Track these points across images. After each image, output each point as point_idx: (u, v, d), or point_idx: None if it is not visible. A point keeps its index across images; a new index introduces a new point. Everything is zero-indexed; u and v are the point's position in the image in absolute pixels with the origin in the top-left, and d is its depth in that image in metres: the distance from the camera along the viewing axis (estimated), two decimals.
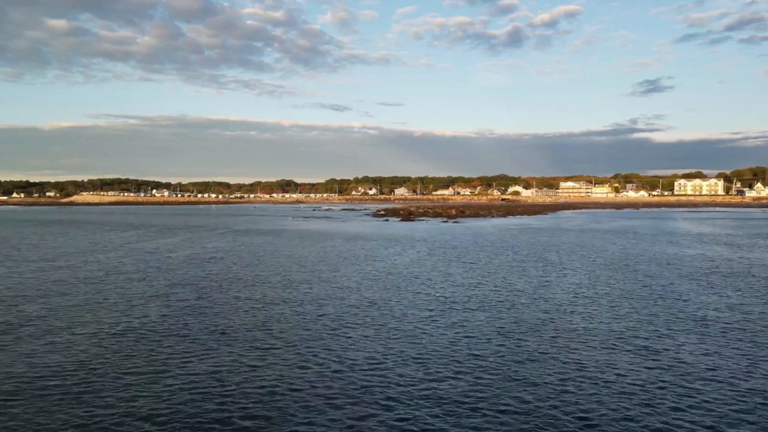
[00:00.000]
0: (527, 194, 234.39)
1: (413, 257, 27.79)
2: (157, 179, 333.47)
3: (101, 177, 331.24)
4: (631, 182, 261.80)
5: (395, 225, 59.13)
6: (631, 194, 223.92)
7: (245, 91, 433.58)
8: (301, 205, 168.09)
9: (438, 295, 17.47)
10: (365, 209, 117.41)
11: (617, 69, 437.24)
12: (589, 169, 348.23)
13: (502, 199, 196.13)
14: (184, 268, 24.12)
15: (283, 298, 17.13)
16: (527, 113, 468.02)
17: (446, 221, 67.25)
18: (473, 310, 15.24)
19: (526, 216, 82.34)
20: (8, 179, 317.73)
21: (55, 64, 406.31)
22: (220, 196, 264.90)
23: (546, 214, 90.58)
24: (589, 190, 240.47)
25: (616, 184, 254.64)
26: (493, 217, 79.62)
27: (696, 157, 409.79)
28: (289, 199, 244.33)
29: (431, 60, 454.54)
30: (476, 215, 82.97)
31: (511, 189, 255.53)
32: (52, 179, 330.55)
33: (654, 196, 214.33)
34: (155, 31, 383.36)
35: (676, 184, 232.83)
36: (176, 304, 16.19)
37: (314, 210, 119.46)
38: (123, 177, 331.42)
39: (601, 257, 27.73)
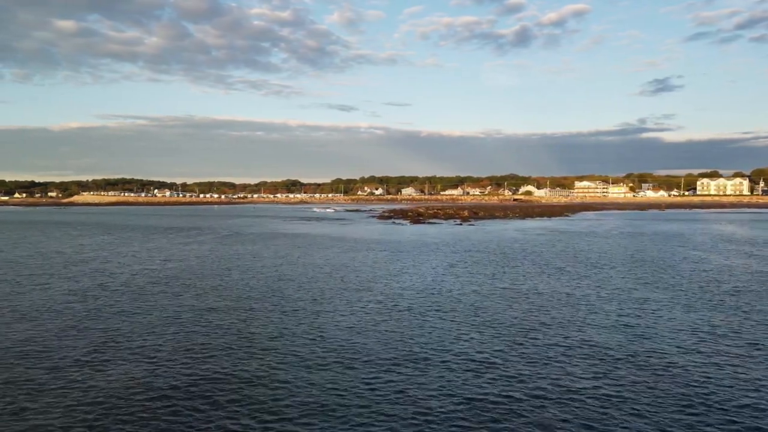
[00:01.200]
0: (540, 194, 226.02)
1: (429, 277, 20.98)
2: (163, 179, 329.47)
3: (106, 177, 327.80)
4: (645, 182, 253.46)
5: (403, 228, 52.30)
6: (650, 194, 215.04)
7: (252, 91, 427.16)
8: (304, 206, 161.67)
9: (476, 357, 10.63)
10: (371, 210, 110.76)
11: (626, 68, 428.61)
12: (598, 169, 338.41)
13: (514, 200, 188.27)
14: (115, 298, 17.42)
15: (221, 370, 10.32)
16: (535, 113, 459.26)
17: (460, 224, 60.35)
18: (549, 402, 8.41)
19: (545, 218, 75.22)
20: (14, 179, 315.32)
21: (64, 64, 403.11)
22: (223, 197, 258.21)
23: (567, 215, 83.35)
24: (605, 190, 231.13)
25: (631, 184, 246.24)
26: (510, 218, 72.59)
27: (706, 156, 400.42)
28: (293, 200, 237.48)
29: (438, 60, 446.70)
30: (491, 216, 76.03)
31: (522, 189, 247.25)
32: (59, 180, 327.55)
33: (674, 196, 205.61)
34: (163, 32, 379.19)
35: (698, 183, 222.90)
36: (39, 387, 9.45)
37: (317, 211, 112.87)
38: (129, 177, 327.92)
39: (684, 278, 20.71)
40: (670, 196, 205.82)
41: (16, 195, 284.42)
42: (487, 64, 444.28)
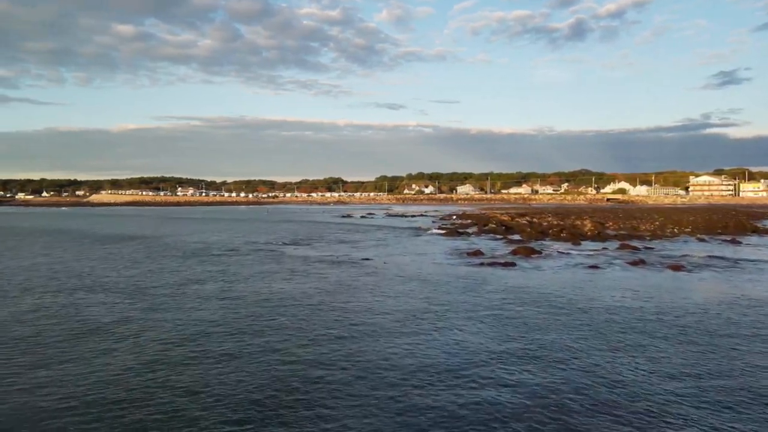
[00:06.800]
0: (638, 193, 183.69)
1: None
2: (209, 179, 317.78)
3: (143, 176, 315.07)
4: (754, 178, 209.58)
5: (539, 283, 19.38)
6: None
7: (302, 91, 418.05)
8: (334, 207, 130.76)
9: None
10: (422, 215, 78.60)
11: (689, 61, 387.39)
12: (657, 166, 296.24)
13: (608, 200, 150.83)
14: None
15: None
16: (590, 109, 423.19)
17: (635, 261, 26.68)
18: None
19: (757, 236, 40.36)
20: (57, 178, 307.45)
21: (123, 68, 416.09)
22: (251, 195, 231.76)
23: None
24: (732, 188, 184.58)
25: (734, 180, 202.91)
26: (685, 239, 38.29)
27: None
28: (329, 199, 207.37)
29: (488, 56, 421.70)
30: (637, 235, 41.97)
31: (609, 187, 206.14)
32: (111, 178, 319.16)
33: None
34: (215, 34, 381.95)
35: None
36: None
37: (345, 217, 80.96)
38: (168, 176, 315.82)
39: None
40: None
41: (45, 194, 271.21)
42: (539, 59, 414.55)
